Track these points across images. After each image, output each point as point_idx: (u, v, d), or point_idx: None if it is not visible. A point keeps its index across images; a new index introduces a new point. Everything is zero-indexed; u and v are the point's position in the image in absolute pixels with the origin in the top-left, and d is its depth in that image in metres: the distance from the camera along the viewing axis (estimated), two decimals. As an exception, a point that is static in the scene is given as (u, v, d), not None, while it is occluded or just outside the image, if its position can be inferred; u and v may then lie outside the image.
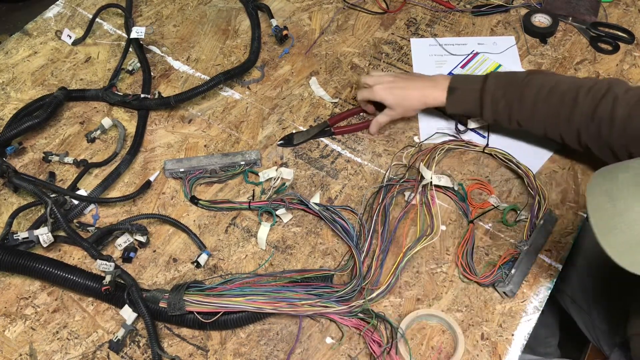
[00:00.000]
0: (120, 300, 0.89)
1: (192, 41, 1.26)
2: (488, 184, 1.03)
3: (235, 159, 1.04)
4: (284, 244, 0.98)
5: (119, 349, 0.87)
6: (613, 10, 1.29)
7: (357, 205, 1.02)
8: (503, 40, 1.25)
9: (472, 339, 0.88)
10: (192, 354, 0.87)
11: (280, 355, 0.87)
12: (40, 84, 1.19)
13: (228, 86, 1.19)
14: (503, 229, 0.99)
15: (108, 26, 1.29)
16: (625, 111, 0.90)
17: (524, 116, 0.99)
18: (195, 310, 0.86)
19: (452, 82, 1.03)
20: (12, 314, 0.91)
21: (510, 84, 1.00)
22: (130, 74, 1.21)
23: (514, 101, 0.99)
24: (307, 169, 1.07)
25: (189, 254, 0.97)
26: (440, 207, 1.01)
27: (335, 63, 1.22)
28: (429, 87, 1.04)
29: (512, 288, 0.90)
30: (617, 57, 1.21)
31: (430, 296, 0.92)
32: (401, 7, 1.31)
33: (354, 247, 0.93)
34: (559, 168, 1.06)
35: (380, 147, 1.09)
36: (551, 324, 1.36)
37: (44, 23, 1.30)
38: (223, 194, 1.04)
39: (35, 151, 1.09)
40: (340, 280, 0.93)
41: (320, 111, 1.14)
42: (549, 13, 1.26)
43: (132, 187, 1.05)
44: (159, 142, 1.11)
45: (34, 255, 0.91)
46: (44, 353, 0.87)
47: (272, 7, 1.31)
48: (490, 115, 1.02)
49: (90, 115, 1.14)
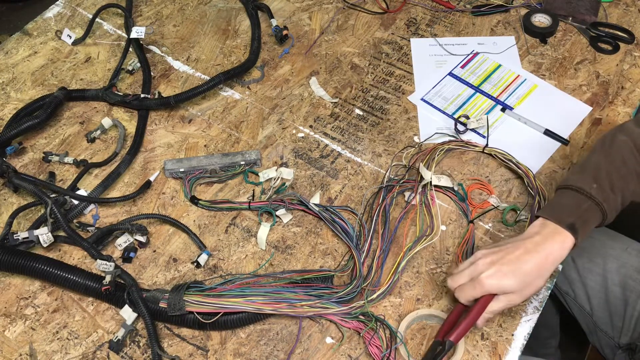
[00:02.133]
0: (120, 300, 0.89)
1: (192, 41, 1.26)
2: (488, 184, 1.03)
3: (235, 159, 1.04)
4: (284, 244, 0.98)
5: (119, 349, 0.87)
6: (613, 10, 1.29)
7: (357, 206, 1.02)
8: (503, 40, 1.25)
9: (472, 339, 0.88)
10: (192, 354, 0.87)
11: (280, 355, 0.87)
12: (40, 84, 1.19)
13: (228, 86, 1.19)
14: (503, 229, 0.99)
15: (108, 26, 1.29)
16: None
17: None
18: (195, 311, 0.86)
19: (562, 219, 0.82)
20: (12, 314, 0.91)
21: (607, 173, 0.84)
22: (130, 74, 1.21)
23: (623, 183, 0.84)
24: (307, 169, 1.07)
25: (189, 254, 0.97)
26: (440, 207, 1.01)
27: (335, 63, 1.22)
28: (541, 242, 0.81)
29: (512, 288, 0.90)
30: (617, 57, 1.21)
31: (430, 296, 0.92)
32: (401, 7, 1.31)
33: (353, 248, 0.93)
34: (559, 168, 1.06)
35: (380, 147, 1.09)
36: (551, 325, 1.36)
37: (44, 23, 1.30)
38: (223, 194, 1.04)
39: (35, 151, 1.09)
40: (340, 280, 0.93)
41: (320, 111, 1.14)
42: (549, 13, 1.26)
43: (132, 187, 1.05)
44: (159, 142, 1.11)
45: (34, 255, 0.91)
46: (44, 353, 0.87)
47: (272, 7, 1.31)
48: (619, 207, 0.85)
49: (90, 115, 1.14)
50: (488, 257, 0.81)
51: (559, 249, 0.80)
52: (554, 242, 0.80)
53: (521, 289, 0.79)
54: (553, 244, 0.80)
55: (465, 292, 0.82)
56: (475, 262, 0.82)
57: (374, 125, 1.12)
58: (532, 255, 0.80)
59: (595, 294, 1.13)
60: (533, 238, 0.81)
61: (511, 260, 0.80)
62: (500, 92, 1.16)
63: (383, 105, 1.15)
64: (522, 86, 1.17)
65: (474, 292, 0.81)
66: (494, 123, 1.12)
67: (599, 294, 1.13)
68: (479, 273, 0.80)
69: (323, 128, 1.12)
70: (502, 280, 0.79)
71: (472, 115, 1.12)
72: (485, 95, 1.16)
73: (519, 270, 0.79)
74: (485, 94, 1.16)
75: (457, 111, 1.14)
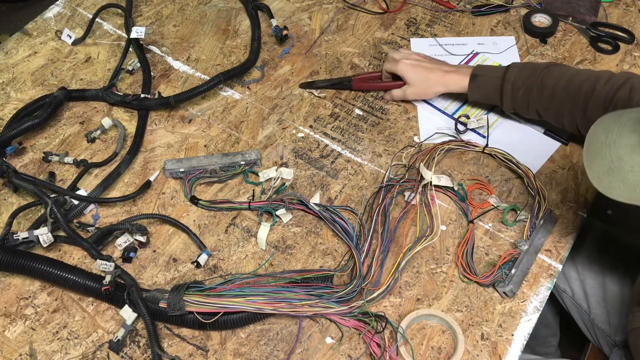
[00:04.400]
0: (120, 300, 0.89)
1: (192, 41, 1.26)
2: (488, 184, 1.03)
3: (235, 159, 1.04)
4: (284, 244, 0.98)
5: (119, 349, 0.87)
6: (613, 10, 1.29)
7: (357, 206, 1.02)
8: (503, 40, 1.25)
9: (472, 339, 0.88)
10: (192, 354, 0.87)
11: (280, 355, 0.87)
12: (40, 84, 1.19)
13: (228, 86, 1.19)
14: (503, 229, 0.99)
15: (108, 26, 1.29)
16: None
17: (543, 105, 1.01)
18: (195, 311, 0.86)
19: (475, 70, 1.07)
20: (12, 314, 0.91)
21: (530, 74, 1.02)
22: (130, 74, 1.21)
23: (533, 90, 1.01)
24: (307, 169, 1.07)
25: (189, 254, 0.97)
26: (440, 207, 1.01)
27: (335, 63, 1.22)
28: (452, 72, 1.08)
29: (512, 288, 0.90)
30: (617, 57, 1.21)
31: (430, 296, 0.92)
32: (401, 7, 1.31)
33: (353, 248, 0.93)
34: (559, 168, 1.06)
35: (380, 147, 1.09)
36: (551, 324, 1.36)
37: (44, 23, 1.30)
38: (223, 194, 1.04)
39: (35, 151, 1.09)
40: (340, 280, 0.93)
41: (320, 111, 1.14)
42: (549, 13, 1.26)
43: (132, 187, 1.05)
44: (159, 142, 1.11)
45: (34, 255, 0.91)
46: (44, 353, 0.87)
47: (272, 7, 1.31)
48: (509, 104, 1.05)
49: (90, 115, 1.14)
50: (419, 56, 1.11)
51: (459, 81, 1.08)
52: (458, 76, 1.08)
53: (418, 85, 1.10)
54: (457, 76, 1.08)
55: (387, 64, 1.13)
56: (411, 54, 1.12)
57: (374, 125, 1.12)
58: (442, 73, 1.09)
59: (594, 292, 1.14)
60: (454, 67, 1.10)
61: (427, 67, 1.09)
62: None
63: (383, 105, 1.15)
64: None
65: (392, 66, 1.11)
66: (494, 123, 1.12)
67: (597, 292, 1.13)
68: (405, 59, 1.10)
69: (323, 128, 1.12)
70: (410, 71, 1.09)
71: (472, 115, 1.12)
72: (485, 95, 1.16)
73: (426, 74, 1.09)
74: (485, 94, 1.16)
75: (457, 111, 1.14)
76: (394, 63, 1.11)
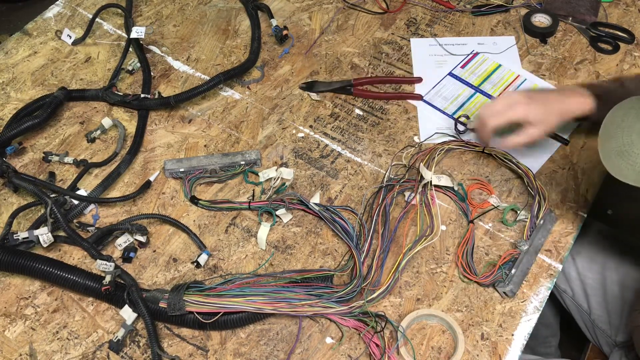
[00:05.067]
0: (120, 300, 0.89)
1: (192, 41, 1.26)
2: (488, 184, 1.03)
3: (235, 158, 1.04)
4: (284, 244, 0.98)
5: (119, 349, 0.87)
6: (613, 10, 1.29)
7: (357, 206, 1.02)
8: (503, 40, 1.25)
9: (472, 339, 0.88)
10: (192, 354, 0.87)
11: (280, 355, 0.87)
12: (40, 84, 1.19)
13: (228, 86, 1.19)
14: (503, 229, 0.99)
15: (108, 26, 1.29)
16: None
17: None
18: (195, 311, 0.86)
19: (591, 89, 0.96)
20: (12, 314, 0.91)
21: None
22: (130, 74, 1.21)
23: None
24: (307, 168, 1.07)
25: (189, 254, 0.97)
26: (440, 207, 1.01)
27: (335, 63, 1.22)
28: (566, 96, 0.96)
29: (512, 288, 0.90)
30: (617, 57, 1.21)
31: (430, 296, 0.92)
32: (401, 7, 1.31)
33: (353, 247, 0.93)
34: (559, 168, 1.06)
35: (380, 147, 1.09)
36: (551, 324, 1.36)
37: (44, 23, 1.30)
38: (223, 194, 1.04)
39: (35, 151, 1.09)
40: (340, 280, 0.93)
41: (320, 111, 1.14)
42: (549, 13, 1.26)
43: (132, 187, 1.05)
44: (159, 142, 1.11)
45: (34, 255, 0.91)
46: (44, 353, 0.87)
47: (272, 7, 1.31)
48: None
49: (90, 115, 1.14)
50: (522, 94, 0.97)
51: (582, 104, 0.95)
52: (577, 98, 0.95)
53: (542, 123, 0.95)
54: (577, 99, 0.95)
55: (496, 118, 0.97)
56: (512, 95, 0.98)
57: (374, 125, 1.12)
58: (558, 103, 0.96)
59: (594, 292, 1.14)
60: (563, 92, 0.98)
61: (541, 101, 0.96)
62: (500, 92, 1.16)
63: (383, 105, 1.15)
64: (522, 86, 1.17)
65: (511, 115, 0.95)
66: (494, 123, 1.11)
67: (598, 292, 1.13)
68: (515, 103, 0.95)
69: (323, 128, 1.12)
70: (530, 111, 0.94)
71: (472, 115, 1.12)
72: (485, 95, 1.16)
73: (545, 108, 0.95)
74: (486, 94, 1.16)
75: (457, 111, 1.14)
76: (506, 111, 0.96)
